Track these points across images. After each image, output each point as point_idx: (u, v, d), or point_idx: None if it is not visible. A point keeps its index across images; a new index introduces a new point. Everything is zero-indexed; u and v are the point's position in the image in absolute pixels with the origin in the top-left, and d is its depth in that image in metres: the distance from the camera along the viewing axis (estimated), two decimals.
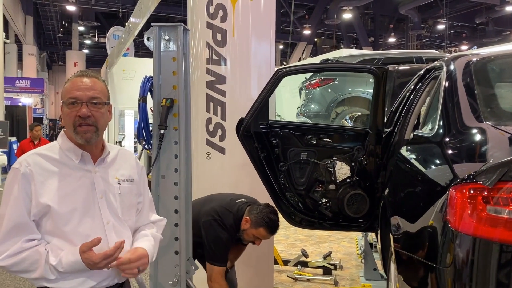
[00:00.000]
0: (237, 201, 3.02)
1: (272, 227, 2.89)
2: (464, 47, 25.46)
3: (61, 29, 29.35)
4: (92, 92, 1.63)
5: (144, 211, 1.84)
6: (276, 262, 4.64)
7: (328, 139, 3.17)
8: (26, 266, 1.54)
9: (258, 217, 2.85)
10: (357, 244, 5.76)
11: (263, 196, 3.27)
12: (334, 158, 3.16)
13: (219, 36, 3.72)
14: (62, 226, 1.58)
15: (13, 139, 12.50)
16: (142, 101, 2.33)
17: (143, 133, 2.39)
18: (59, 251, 1.57)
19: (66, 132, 1.68)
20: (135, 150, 13.84)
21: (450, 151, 1.99)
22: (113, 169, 1.73)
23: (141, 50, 23.71)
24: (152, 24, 2.39)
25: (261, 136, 3.07)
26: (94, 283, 1.62)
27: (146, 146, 2.47)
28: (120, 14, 24.06)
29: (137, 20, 8.49)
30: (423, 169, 2.14)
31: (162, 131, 2.33)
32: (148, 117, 2.44)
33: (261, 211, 2.88)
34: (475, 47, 17.36)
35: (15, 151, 10.58)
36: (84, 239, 1.58)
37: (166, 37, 2.36)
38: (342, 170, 3.20)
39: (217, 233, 2.85)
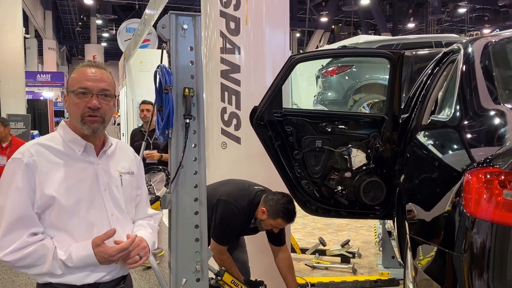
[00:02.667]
0: (255, 187, 3.04)
1: (290, 217, 2.92)
2: (486, 31, 24.80)
3: (80, 23, 29.75)
4: (103, 84, 1.60)
5: (142, 204, 1.81)
6: (293, 251, 4.64)
7: (343, 126, 3.14)
8: (32, 261, 1.48)
9: (275, 208, 2.86)
10: (375, 232, 5.72)
11: (279, 185, 3.26)
12: (349, 145, 3.13)
13: (232, 25, 3.70)
14: (67, 219, 1.54)
15: (35, 132, 12.78)
16: (170, 90, 2.29)
17: (172, 123, 2.35)
18: (67, 245, 1.52)
19: (68, 122, 1.64)
20: None
21: (466, 135, 1.94)
22: (114, 162, 1.70)
23: (162, 42, 23.79)
24: (170, 12, 2.37)
25: (275, 124, 3.05)
26: (99, 276, 1.58)
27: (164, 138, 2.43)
28: (137, 6, 24.19)
29: (152, 12, 8.50)
30: (438, 154, 2.10)
31: (188, 120, 2.32)
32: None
33: (277, 202, 2.88)
34: (497, 30, 16.88)
35: None
36: (89, 232, 1.55)
37: (185, 26, 2.34)
38: (358, 158, 3.17)
39: (229, 216, 2.88)
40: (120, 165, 1.71)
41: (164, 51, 2.43)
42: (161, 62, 2.41)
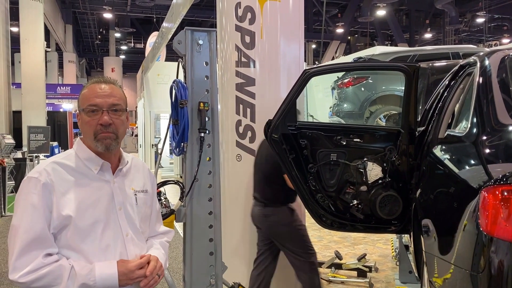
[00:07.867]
0: None
1: None
2: (505, 41, 24.46)
3: (99, 36, 30.39)
4: (112, 99, 1.59)
5: (151, 222, 1.79)
6: None
7: (358, 140, 3.11)
8: (48, 281, 1.45)
9: None
10: (392, 246, 5.64)
11: None
12: (365, 159, 3.09)
13: (247, 39, 3.74)
14: (82, 240, 1.52)
15: (55, 143, 12.98)
16: (185, 104, 2.33)
17: (187, 137, 2.38)
18: (86, 264, 1.50)
19: (84, 140, 1.63)
20: (171, 153, 14.07)
21: (483, 150, 1.91)
22: (129, 180, 1.69)
23: (172, 55, 24.10)
24: (185, 28, 2.42)
25: (289, 137, 3.04)
26: None
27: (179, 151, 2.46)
28: (155, 19, 24.58)
29: (169, 25, 8.64)
30: (454, 170, 2.06)
31: (202, 134, 2.35)
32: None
33: None
34: None
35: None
36: (103, 253, 1.54)
37: (201, 42, 2.39)
38: (374, 171, 3.13)
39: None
40: (134, 183, 1.70)
41: (180, 65, 2.48)
42: (177, 76, 2.45)
